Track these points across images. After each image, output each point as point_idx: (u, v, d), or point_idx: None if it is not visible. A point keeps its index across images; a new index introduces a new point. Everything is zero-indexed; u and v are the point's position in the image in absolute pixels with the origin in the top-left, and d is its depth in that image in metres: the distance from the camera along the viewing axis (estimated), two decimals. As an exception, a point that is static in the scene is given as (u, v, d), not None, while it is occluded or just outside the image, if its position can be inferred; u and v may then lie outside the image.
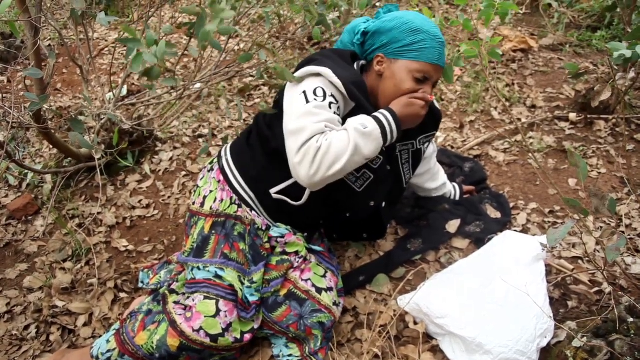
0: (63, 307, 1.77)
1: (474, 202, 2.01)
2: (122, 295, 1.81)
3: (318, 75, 1.38)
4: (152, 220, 2.14)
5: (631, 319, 1.31)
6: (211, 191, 1.59)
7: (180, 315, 1.41)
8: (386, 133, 1.36)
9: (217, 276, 1.45)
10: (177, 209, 2.18)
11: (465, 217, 1.93)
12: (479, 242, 1.84)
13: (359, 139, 1.30)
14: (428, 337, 1.56)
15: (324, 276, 1.58)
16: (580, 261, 1.76)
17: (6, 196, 2.36)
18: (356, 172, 1.51)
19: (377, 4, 3.79)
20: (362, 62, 1.56)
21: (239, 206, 1.55)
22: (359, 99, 1.40)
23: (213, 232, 1.52)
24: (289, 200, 1.52)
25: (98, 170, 1.98)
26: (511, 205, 2.04)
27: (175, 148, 2.54)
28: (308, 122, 1.30)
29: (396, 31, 1.40)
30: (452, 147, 2.46)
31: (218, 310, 1.40)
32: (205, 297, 1.41)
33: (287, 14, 3.43)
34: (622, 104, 2.35)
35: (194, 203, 1.62)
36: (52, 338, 1.69)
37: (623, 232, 1.84)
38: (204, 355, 1.42)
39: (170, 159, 2.47)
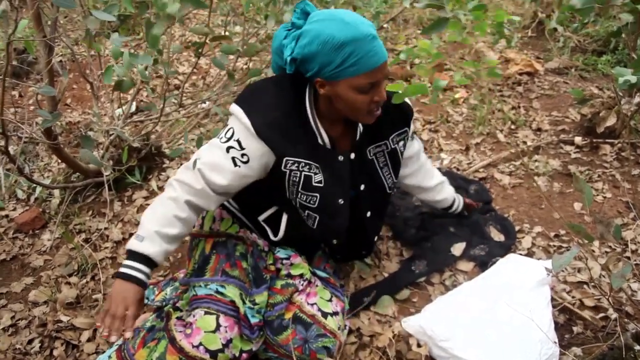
0: (67, 321, 1.78)
1: (479, 224, 2.01)
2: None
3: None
4: (157, 237, 2.15)
5: (638, 347, 1.30)
6: (207, 212, 1.59)
7: (180, 332, 1.40)
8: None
9: (218, 292, 1.45)
10: (183, 225, 2.19)
11: (471, 240, 1.93)
12: (483, 265, 1.84)
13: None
14: (431, 359, 1.55)
15: (330, 300, 1.57)
16: (585, 286, 1.76)
17: (14, 209, 2.38)
18: (302, 211, 1.49)
19: (385, 25, 3.84)
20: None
21: (241, 227, 1.56)
22: (272, 143, 1.33)
23: (214, 251, 1.52)
24: (269, 231, 1.56)
25: (106, 186, 2.00)
26: (516, 228, 2.04)
27: (182, 165, 2.56)
28: (198, 154, 1.39)
29: (322, 55, 1.24)
30: (458, 169, 2.47)
31: (218, 326, 1.38)
32: (206, 313, 1.40)
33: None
34: (628, 129, 2.36)
35: (193, 227, 1.61)
36: (55, 353, 1.69)
37: (629, 258, 1.84)
38: None
39: (177, 175, 2.48)
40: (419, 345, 1.58)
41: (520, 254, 1.87)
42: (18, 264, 2.10)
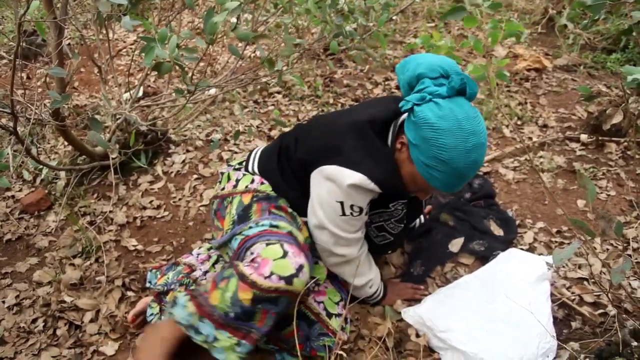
0: (71, 302, 1.80)
1: (480, 217, 2.01)
2: (130, 293, 1.83)
3: (349, 186, 1.32)
4: (162, 221, 2.17)
5: (635, 343, 1.31)
6: (245, 174, 1.56)
7: (247, 266, 1.27)
8: (371, 299, 1.69)
9: (273, 226, 1.36)
10: (187, 211, 2.20)
11: (471, 235, 1.93)
12: (483, 259, 1.85)
13: (362, 287, 1.61)
14: (430, 350, 1.56)
15: (337, 303, 1.57)
16: (585, 282, 1.77)
17: (20, 190, 2.40)
18: (377, 230, 1.54)
19: (394, 17, 3.82)
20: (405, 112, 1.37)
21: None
22: (393, 192, 1.41)
23: (255, 199, 1.46)
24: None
25: (112, 169, 2.02)
26: (518, 223, 2.04)
27: (188, 151, 2.57)
28: (347, 234, 1.43)
29: (426, 144, 1.25)
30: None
31: (285, 252, 1.27)
32: (268, 244, 1.29)
33: (304, 24, 3.47)
34: (634, 128, 2.35)
35: (223, 189, 1.56)
36: (58, 332, 1.71)
37: (630, 256, 1.84)
38: (280, 306, 1.29)
39: (183, 161, 2.50)
40: (417, 336, 1.59)
41: (522, 249, 1.88)
42: (23, 244, 2.12)
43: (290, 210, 1.48)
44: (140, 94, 2.87)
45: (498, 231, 1.97)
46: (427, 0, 4.25)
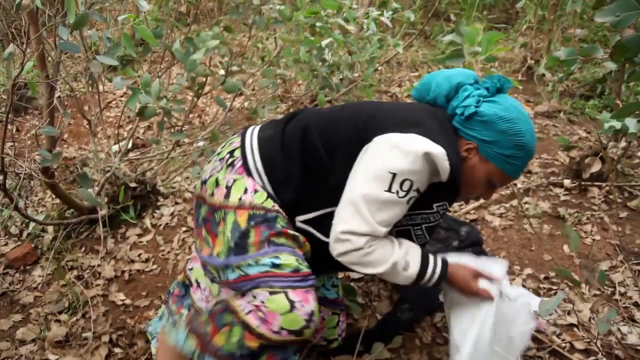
0: (56, 361, 1.76)
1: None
2: (117, 350, 1.80)
3: (425, 154, 1.21)
4: (150, 275, 2.15)
5: (626, 392, 1.31)
6: (235, 180, 1.36)
7: (251, 315, 1.25)
8: (423, 279, 1.35)
9: (275, 265, 1.25)
10: (176, 264, 2.19)
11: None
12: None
13: (392, 273, 1.31)
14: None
15: (336, 326, 1.58)
16: (576, 328, 1.77)
17: (6, 244, 2.38)
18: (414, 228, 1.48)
19: (379, 68, 3.94)
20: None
21: (276, 202, 1.34)
22: (454, 184, 1.30)
23: (252, 223, 1.30)
24: (317, 234, 1.36)
25: (100, 223, 2.01)
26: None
27: (176, 203, 2.58)
28: (374, 217, 1.24)
29: (504, 136, 1.30)
30: (449, 211, 2.50)
31: (292, 303, 1.22)
32: (271, 292, 1.24)
33: (292, 75, 3.56)
34: (614, 173, 2.41)
35: (212, 195, 1.37)
36: (42, 393, 1.67)
37: (617, 300, 1.85)
38: (289, 352, 1.31)
39: (172, 214, 2.50)
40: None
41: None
42: (7, 301, 2.08)
43: (290, 231, 1.31)
44: (130, 146, 2.90)
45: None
46: (410, 51, 4.39)
